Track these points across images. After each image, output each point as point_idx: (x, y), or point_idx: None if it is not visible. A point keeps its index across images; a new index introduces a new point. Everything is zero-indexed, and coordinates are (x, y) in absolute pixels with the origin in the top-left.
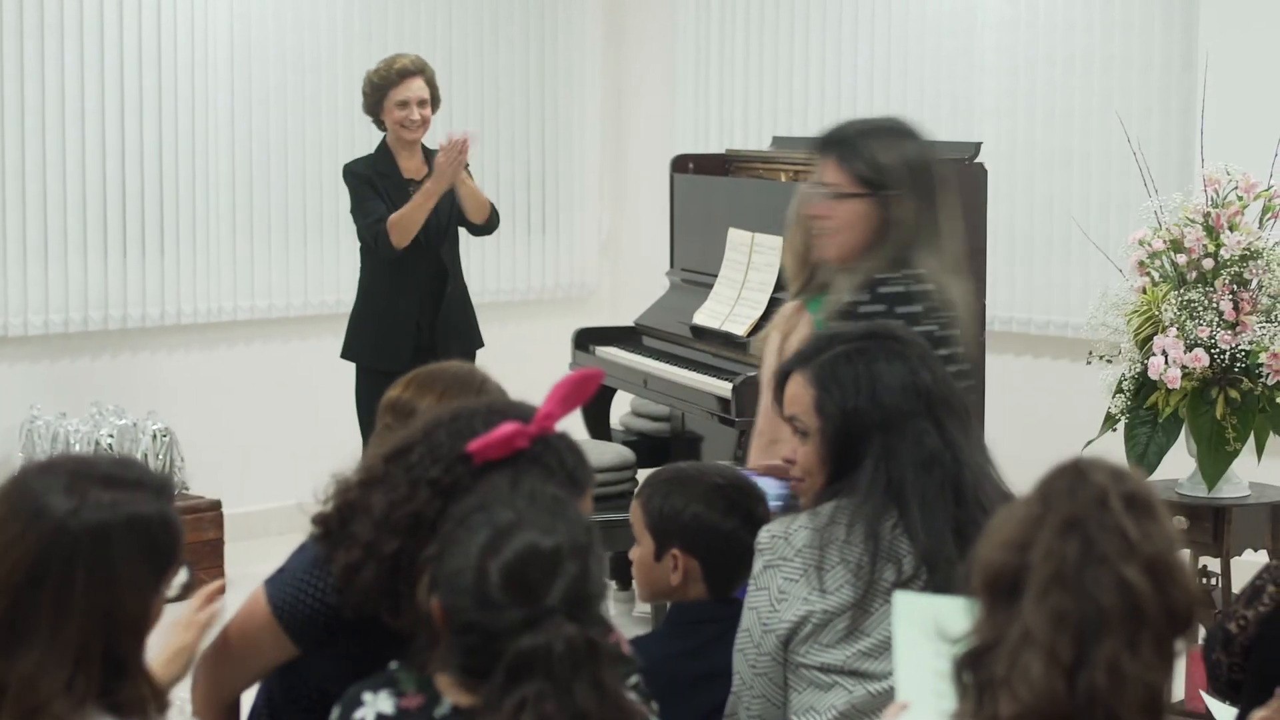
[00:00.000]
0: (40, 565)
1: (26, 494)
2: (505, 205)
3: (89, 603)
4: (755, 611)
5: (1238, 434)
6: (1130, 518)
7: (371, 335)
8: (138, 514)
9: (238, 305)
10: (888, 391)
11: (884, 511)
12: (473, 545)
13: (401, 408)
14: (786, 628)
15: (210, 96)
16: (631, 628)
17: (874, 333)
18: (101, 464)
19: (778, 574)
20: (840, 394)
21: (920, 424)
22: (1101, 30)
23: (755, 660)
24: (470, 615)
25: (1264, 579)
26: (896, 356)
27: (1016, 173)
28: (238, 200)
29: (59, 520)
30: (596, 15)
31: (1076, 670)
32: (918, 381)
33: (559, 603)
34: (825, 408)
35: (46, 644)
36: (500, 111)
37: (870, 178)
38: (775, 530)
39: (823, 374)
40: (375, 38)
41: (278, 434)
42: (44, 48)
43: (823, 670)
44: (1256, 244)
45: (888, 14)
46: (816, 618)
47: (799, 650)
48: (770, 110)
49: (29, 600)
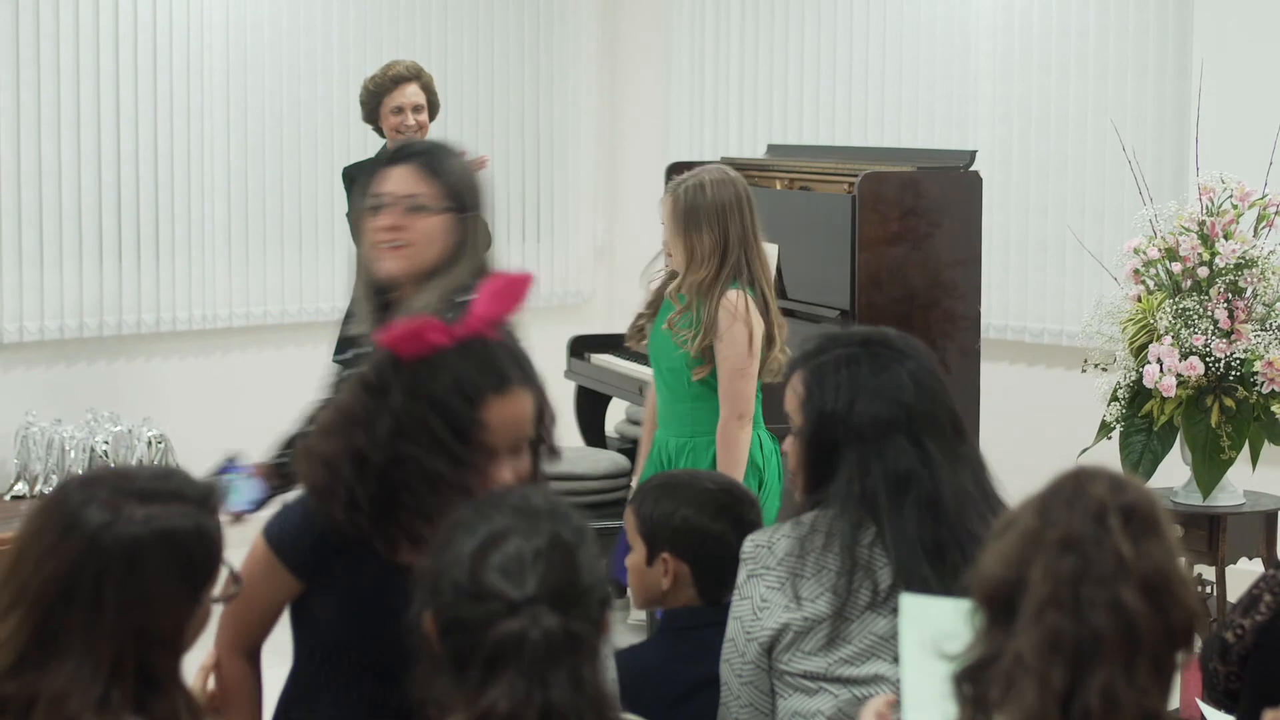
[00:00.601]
0: (72, 579)
1: (64, 507)
2: (500, 213)
3: (121, 618)
4: (739, 620)
5: (1232, 442)
6: (1128, 535)
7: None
8: (172, 528)
9: (233, 312)
10: (867, 402)
11: (860, 524)
12: (461, 547)
13: None
14: (768, 635)
15: (205, 104)
16: (626, 635)
17: (870, 339)
18: (142, 477)
19: (760, 583)
20: (821, 398)
21: (898, 440)
22: (1096, 38)
23: (740, 669)
24: (455, 611)
25: (1261, 588)
26: (886, 367)
27: (1011, 181)
28: (233, 207)
29: (91, 534)
30: (591, 24)
31: (1071, 698)
32: (901, 396)
33: (541, 592)
34: (807, 409)
35: (79, 658)
36: (495, 119)
37: (457, 194)
38: (759, 539)
39: (813, 375)
40: (370, 46)
41: (272, 441)
42: (39, 55)
43: (806, 677)
44: (1251, 252)
45: (882, 21)
46: (796, 625)
47: (782, 658)
48: (765, 118)
49: (62, 614)
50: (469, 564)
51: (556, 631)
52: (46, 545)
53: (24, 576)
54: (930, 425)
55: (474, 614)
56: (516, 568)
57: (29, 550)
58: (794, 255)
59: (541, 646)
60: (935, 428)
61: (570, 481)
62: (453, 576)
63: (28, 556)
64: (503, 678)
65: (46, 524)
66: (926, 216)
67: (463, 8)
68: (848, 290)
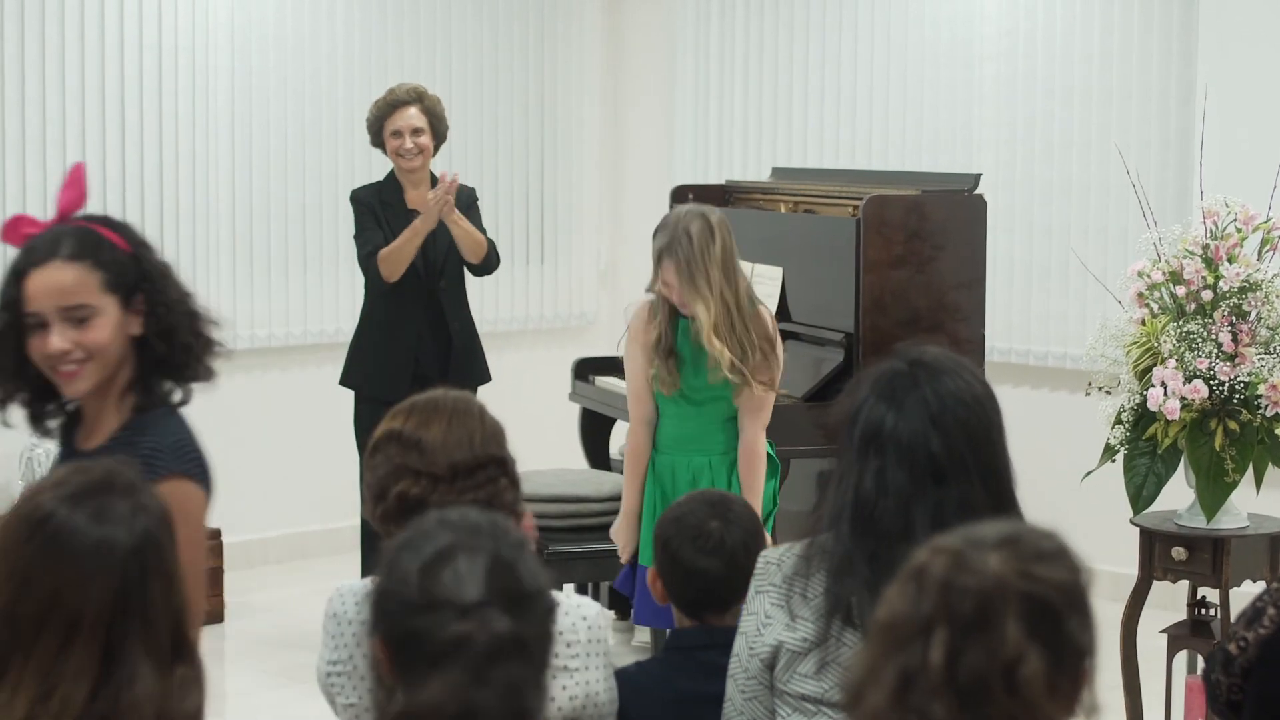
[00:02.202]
0: (124, 592)
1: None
2: (505, 235)
3: (167, 606)
4: (744, 635)
5: (1236, 465)
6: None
7: (369, 364)
8: (152, 504)
9: (237, 334)
10: (857, 423)
11: (855, 548)
12: (408, 566)
13: (406, 440)
14: (768, 652)
15: (210, 125)
16: (630, 656)
17: (918, 359)
18: (71, 483)
19: (765, 599)
20: (846, 402)
21: (872, 463)
22: (1100, 62)
23: (744, 685)
24: (406, 625)
25: (1264, 601)
26: (907, 389)
27: (1016, 204)
28: (237, 229)
29: (126, 547)
30: (596, 47)
31: None
32: (892, 426)
33: (489, 596)
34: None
35: (147, 662)
36: (500, 141)
37: None
38: (771, 556)
39: (863, 379)
40: (376, 68)
41: (276, 463)
42: (44, 75)
43: (806, 700)
44: (1255, 276)
45: (887, 46)
46: (793, 646)
47: (782, 677)
48: (769, 141)
49: (123, 628)
50: (417, 580)
51: (504, 634)
52: (83, 573)
53: (70, 608)
54: (901, 457)
55: (426, 623)
56: (465, 577)
57: (48, 583)
58: (798, 278)
59: (488, 646)
60: (905, 462)
61: (574, 504)
62: (401, 595)
63: (50, 589)
64: (445, 673)
65: (64, 557)
66: (931, 240)
67: (467, 31)
68: (852, 313)
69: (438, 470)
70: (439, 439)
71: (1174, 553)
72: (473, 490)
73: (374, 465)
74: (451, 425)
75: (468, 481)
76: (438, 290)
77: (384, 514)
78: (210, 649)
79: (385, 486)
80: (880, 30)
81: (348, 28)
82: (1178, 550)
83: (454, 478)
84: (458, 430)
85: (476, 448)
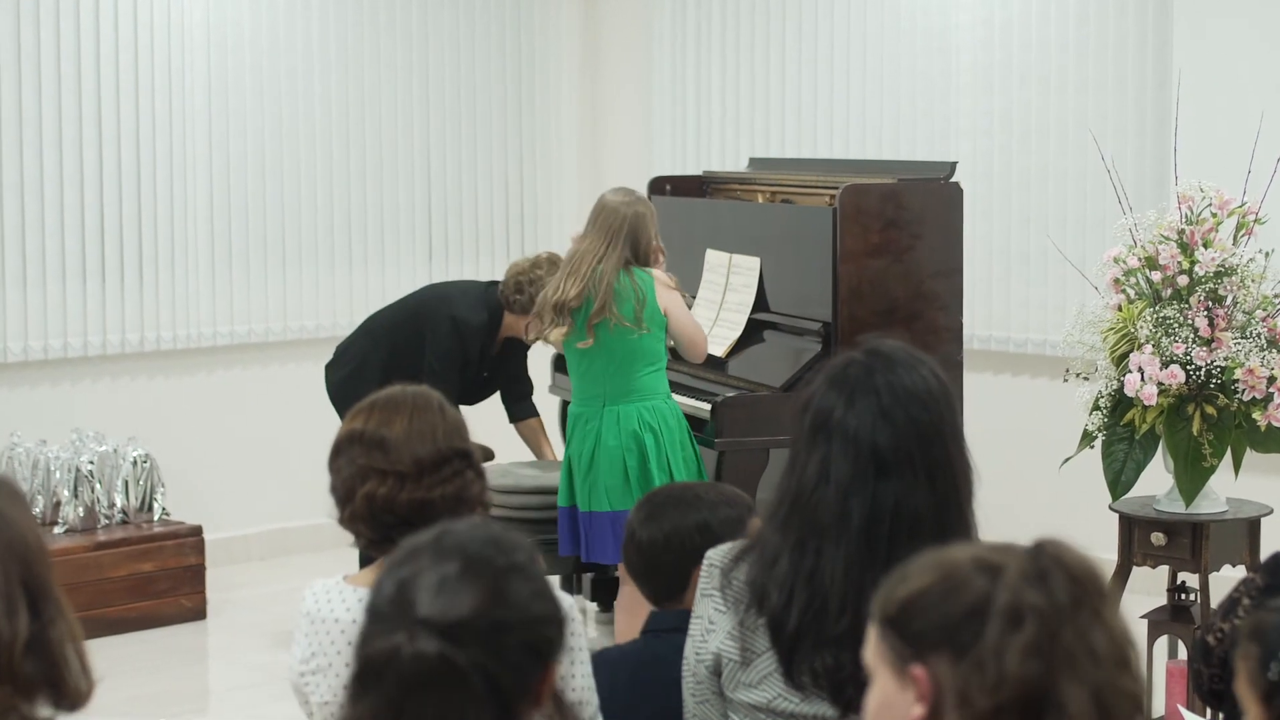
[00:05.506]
0: None
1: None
2: (483, 228)
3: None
4: (691, 640)
5: (1214, 450)
6: None
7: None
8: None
9: (217, 331)
10: (808, 410)
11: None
12: (386, 584)
13: (369, 439)
14: (712, 659)
15: (188, 123)
16: None
17: (875, 350)
18: None
19: (709, 603)
20: (805, 391)
21: (818, 451)
22: (1075, 50)
23: (694, 689)
24: (362, 631)
25: (1240, 591)
26: (860, 381)
27: (993, 191)
28: (216, 226)
29: None
30: (573, 39)
31: None
32: (840, 416)
33: (431, 616)
34: None
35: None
36: (478, 134)
37: None
38: (714, 557)
39: (822, 368)
40: (352, 64)
41: (258, 459)
42: (20, 75)
43: (754, 708)
44: (1231, 260)
45: (863, 35)
46: (732, 655)
47: (728, 685)
48: (747, 132)
49: None
50: (385, 586)
51: (429, 656)
52: None
53: None
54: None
55: (367, 630)
56: (423, 593)
57: None
58: (776, 268)
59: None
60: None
61: (550, 495)
62: (371, 599)
63: None
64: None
65: None
66: (908, 228)
67: (443, 24)
68: (830, 303)
69: (403, 467)
70: (402, 435)
71: (1153, 538)
72: (440, 485)
73: (338, 468)
74: (413, 421)
75: (434, 476)
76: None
77: (352, 515)
78: (193, 646)
79: (351, 488)
80: (856, 20)
81: (323, 26)
82: (1157, 535)
83: (420, 474)
84: (419, 425)
85: (440, 441)
